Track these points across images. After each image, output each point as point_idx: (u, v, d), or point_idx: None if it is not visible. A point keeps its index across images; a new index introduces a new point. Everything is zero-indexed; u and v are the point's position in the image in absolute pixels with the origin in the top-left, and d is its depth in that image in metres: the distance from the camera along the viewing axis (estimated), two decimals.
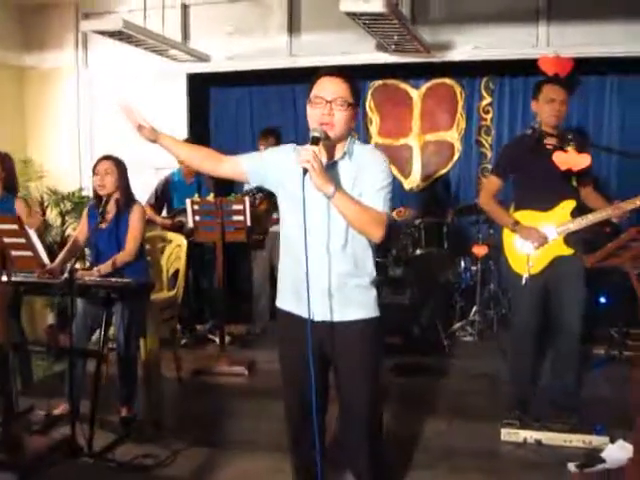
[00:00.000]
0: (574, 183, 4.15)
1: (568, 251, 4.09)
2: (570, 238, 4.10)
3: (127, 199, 4.41)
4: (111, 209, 4.36)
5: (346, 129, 2.67)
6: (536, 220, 4.13)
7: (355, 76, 2.72)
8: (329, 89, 2.61)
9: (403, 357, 5.44)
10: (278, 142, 6.22)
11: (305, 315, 2.67)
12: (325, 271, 2.68)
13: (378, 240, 2.67)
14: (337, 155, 2.70)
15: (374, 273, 2.80)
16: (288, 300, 2.84)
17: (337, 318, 2.73)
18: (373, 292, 2.80)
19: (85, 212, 4.55)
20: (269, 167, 2.81)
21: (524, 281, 4.12)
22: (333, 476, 3.11)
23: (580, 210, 4.15)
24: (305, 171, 2.50)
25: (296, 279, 2.73)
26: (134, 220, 4.38)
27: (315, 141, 2.55)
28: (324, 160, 2.58)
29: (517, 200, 4.32)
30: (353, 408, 2.84)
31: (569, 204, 4.11)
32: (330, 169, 2.63)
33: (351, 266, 2.72)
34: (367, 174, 2.67)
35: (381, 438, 2.98)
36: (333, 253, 2.69)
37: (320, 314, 2.70)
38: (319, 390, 2.67)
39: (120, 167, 4.38)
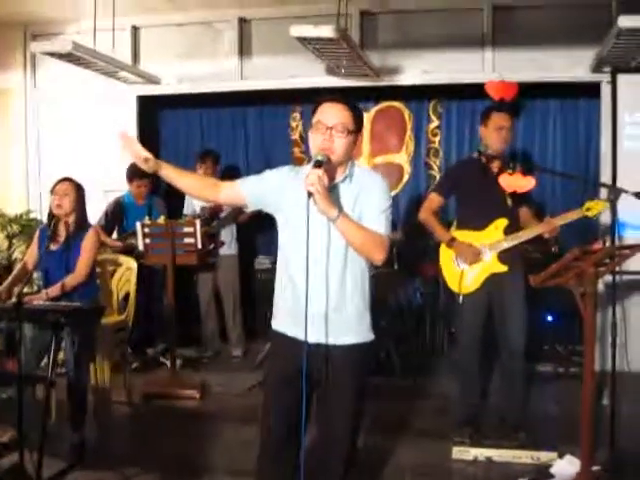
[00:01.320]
0: (509, 203, 4.27)
1: (502, 268, 4.21)
2: (504, 255, 4.21)
3: (82, 223, 4.39)
4: (62, 232, 4.33)
5: (346, 154, 2.68)
6: (471, 239, 4.26)
7: (304, 99, 2.76)
8: (330, 115, 2.65)
9: None
10: (216, 164, 6.27)
11: (300, 337, 2.66)
12: (322, 294, 2.68)
13: (380, 262, 2.68)
14: (338, 178, 2.71)
15: (369, 297, 2.81)
16: (283, 322, 2.82)
17: (332, 341, 2.72)
18: (368, 316, 2.80)
19: (37, 234, 4.51)
20: (268, 190, 2.80)
21: (460, 299, 4.22)
22: None
23: (515, 228, 4.27)
24: (310, 195, 2.51)
25: (294, 301, 2.73)
26: (87, 244, 4.35)
27: (318, 164, 2.56)
28: (326, 183, 2.57)
29: (457, 220, 4.48)
30: (335, 430, 2.82)
31: (502, 222, 4.23)
32: (331, 191, 2.63)
33: (349, 290, 2.72)
34: (368, 196, 2.69)
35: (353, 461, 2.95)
36: (331, 276, 2.69)
37: (315, 336, 2.67)
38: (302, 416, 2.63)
39: (78, 190, 4.38)
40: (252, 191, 2.82)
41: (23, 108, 6.94)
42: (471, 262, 4.22)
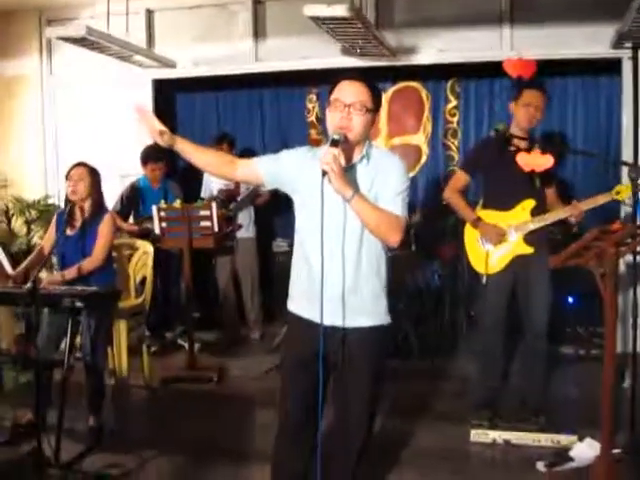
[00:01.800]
0: (537, 184, 4.19)
1: (528, 250, 4.14)
2: (530, 237, 4.14)
3: (98, 208, 4.38)
4: (79, 216, 4.33)
5: (364, 133, 2.65)
6: (497, 219, 4.20)
7: (320, 80, 2.71)
8: (348, 93, 2.61)
9: None
10: (232, 148, 6.24)
11: (315, 319, 2.64)
12: (339, 276, 2.65)
13: (395, 244, 2.63)
14: (355, 158, 2.67)
15: (385, 279, 2.77)
16: (299, 304, 2.81)
17: (348, 324, 2.69)
18: (385, 299, 2.77)
19: (54, 219, 4.52)
20: (285, 170, 2.77)
21: (484, 280, 4.17)
22: None
23: (542, 209, 4.20)
24: (324, 173, 2.48)
25: (309, 282, 2.71)
26: (104, 229, 4.35)
27: (334, 143, 2.53)
28: (342, 163, 2.54)
29: (483, 199, 4.39)
30: (351, 413, 2.79)
31: (529, 203, 4.16)
32: (348, 172, 2.60)
33: (365, 272, 2.68)
34: (385, 178, 2.65)
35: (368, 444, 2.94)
36: (348, 258, 2.65)
37: (331, 319, 2.64)
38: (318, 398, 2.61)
39: (93, 175, 4.36)
40: (269, 170, 2.79)
41: (39, 94, 6.95)
42: (496, 243, 4.16)
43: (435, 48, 6.06)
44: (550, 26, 5.75)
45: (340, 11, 4.65)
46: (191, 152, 2.78)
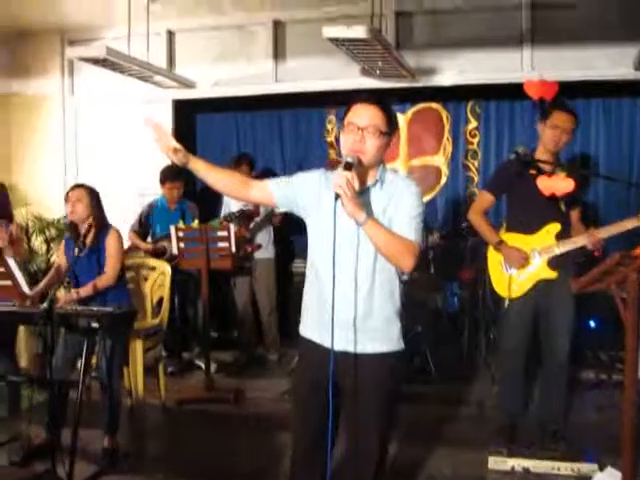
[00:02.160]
0: (562, 207, 4.14)
1: (552, 274, 4.08)
2: (554, 261, 4.08)
3: (101, 225, 4.39)
4: (84, 236, 4.35)
5: (377, 157, 2.61)
6: (521, 242, 4.14)
7: (340, 101, 2.68)
8: (362, 116, 2.58)
9: None
10: (251, 169, 6.24)
11: (326, 344, 2.60)
12: (351, 301, 2.61)
13: (408, 270, 2.58)
14: (369, 182, 2.64)
15: (399, 304, 2.71)
16: (311, 328, 2.77)
17: (359, 350, 2.65)
18: (398, 324, 2.71)
19: (62, 243, 4.57)
20: (298, 192, 2.74)
21: (507, 304, 4.11)
22: None
23: (568, 234, 4.14)
24: (337, 196, 2.44)
25: (321, 307, 2.66)
26: (110, 244, 4.37)
27: (348, 167, 2.49)
28: (356, 187, 2.50)
29: (507, 222, 4.35)
30: (363, 442, 2.73)
31: (554, 227, 4.10)
32: (361, 196, 2.56)
33: (378, 297, 2.64)
34: (399, 202, 2.61)
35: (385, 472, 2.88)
36: (360, 283, 2.62)
37: (342, 344, 2.61)
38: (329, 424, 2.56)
39: (92, 194, 4.38)
40: (282, 192, 2.76)
41: (61, 114, 7.04)
42: (519, 267, 4.10)
43: (455, 69, 6.06)
44: (572, 47, 5.73)
45: (359, 33, 4.65)
46: (205, 171, 2.75)
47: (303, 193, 2.73)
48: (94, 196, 4.39)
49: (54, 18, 6.42)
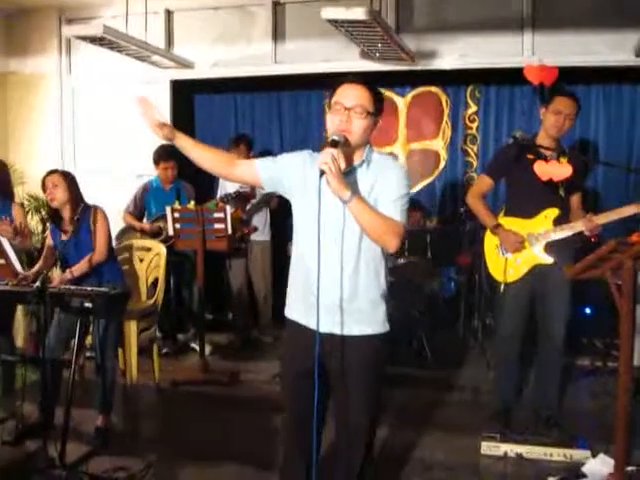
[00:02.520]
0: (561, 193, 4.12)
1: (548, 260, 4.06)
2: (551, 247, 4.07)
3: (80, 206, 4.37)
4: (67, 221, 4.35)
5: (364, 137, 2.61)
6: (518, 226, 4.13)
7: (341, 83, 2.65)
8: (349, 96, 2.57)
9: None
10: (249, 149, 6.21)
11: (311, 326, 2.60)
12: (336, 282, 2.61)
13: (393, 250, 2.59)
14: (355, 162, 2.64)
15: (385, 286, 2.72)
16: (296, 310, 2.77)
17: (345, 332, 2.65)
18: (384, 306, 2.72)
19: (48, 231, 4.58)
20: (284, 172, 2.73)
21: (502, 288, 4.11)
22: None
23: (566, 219, 4.13)
24: (322, 173, 2.43)
25: (306, 289, 2.67)
26: (95, 222, 4.35)
27: (334, 144, 2.48)
28: (342, 166, 2.50)
29: (506, 206, 4.34)
30: (351, 424, 2.75)
31: (552, 212, 4.09)
32: (347, 176, 2.55)
33: (363, 278, 2.64)
34: (385, 183, 2.60)
35: (372, 456, 2.91)
36: (346, 264, 2.61)
37: (328, 326, 2.61)
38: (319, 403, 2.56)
39: (68, 178, 4.36)
40: (267, 171, 2.75)
41: (58, 92, 6.98)
42: (514, 250, 4.10)
43: (455, 53, 6.00)
44: (572, 33, 5.68)
45: (358, 14, 4.60)
46: (190, 147, 2.76)
47: (288, 173, 2.72)
48: (70, 179, 4.38)
49: None
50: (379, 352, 2.73)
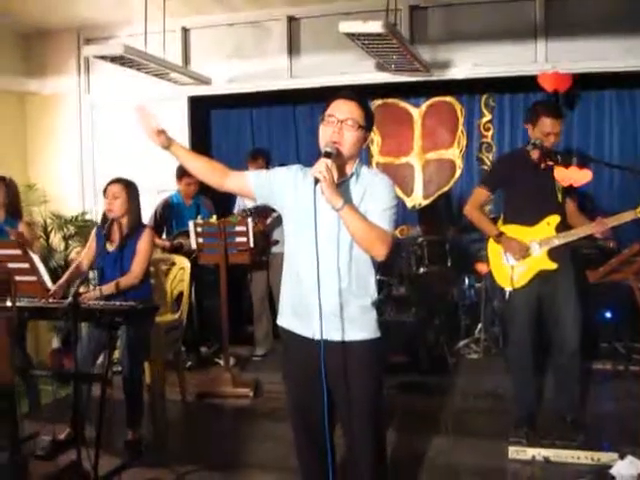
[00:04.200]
0: (559, 199, 4.17)
1: (551, 265, 4.11)
2: (554, 253, 4.11)
3: (136, 223, 4.43)
4: (117, 232, 4.38)
5: (354, 150, 2.70)
6: (521, 234, 4.18)
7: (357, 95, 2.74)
8: (342, 109, 2.68)
9: (408, 376, 5.43)
10: (267, 163, 6.24)
11: (306, 334, 2.72)
12: (330, 290, 2.67)
13: (382, 258, 2.67)
14: (346, 175, 2.72)
15: (376, 294, 2.80)
16: (289, 318, 2.84)
17: (338, 338, 2.71)
18: (374, 313, 2.79)
19: (93, 233, 4.58)
20: (276, 184, 2.82)
21: (507, 295, 4.15)
22: None
23: (566, 225, 4.17)
24: (317, 181, 2.51)
25: (298, 297, 2.75)
26: (143, 245, 4.39)
27: (327, 155, 2.58)
28: (335, 176, 2.58)
29: (505, 214, 4.37)
30: (355, 431, 2.80)
31: (554, 219, 4.14)
32: (339, 187, 2.62)
33: (354, 286, 2.72)
34: (374, 195, 2.69)
35: (385, 459, 2.95)
36: (337, 272, 2.69)
37: (323, 333, 2.66)
38: (323, 411, 2.63)
39: (130, 190, 4.39)
40: (259, 183, 2.85)
41: (77, 111, 7.08)
42: (519, 257, 4.14)
43: (469, 62, 6.06)
44: (585, 39, 5.72)
45: (376, 27, 4.66)
46: (186, 157, 2.88)
47: (279, 186, 2.82)
48: (132, 192, 4.41)
49: (70, 17, 6.45)
50: (372, 357, 2.79)
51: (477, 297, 6.31)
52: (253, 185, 2.84)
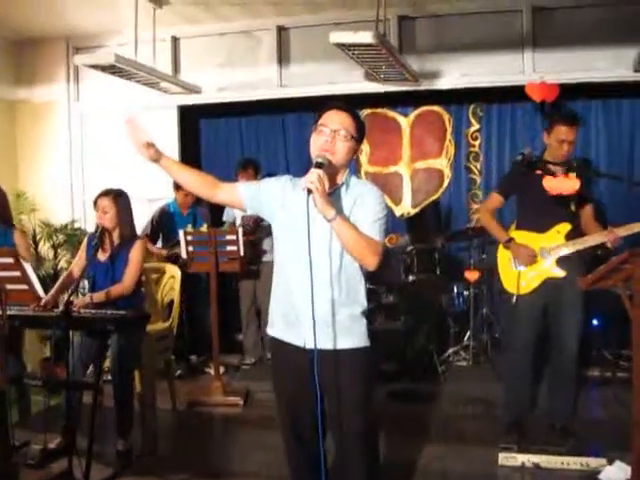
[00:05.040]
0: (572, 207, 4.21)
1: (559, 274, 4.14)
2: (563, 261, 4.14)
3: (129, 234, 4.43)
4: (110, 241, 4.38)
5: (346, 160, 2.73)
6: (531, 241, 4.21)
7: (346, 105, 2.78)
8: (335, 120, 2.71)
9: (398, 383, 5.47)
10: (257, 172, 6.27)
11: (297, 343, 2.75)
12: (320, 299, 2.66)
13: (373, 268, 2.70)
14: (336, 185, 2.75)
15: (365, 303, 2.82)
16: (279, 328, 2.86)
17: (328, 346, 2.73)
18: (364, 322, 2.81)
19: (84, 242, 4.56)
20: (266, 195, 2.85)
21: (514, 300, 4.18)
22: None
23: (577, 233, 4.20)
24: (309, 192, 2.53)
25: (289, 307, 2.78)
26: (135, 255, 4.39)
27: (319, 166, 2.60)
28: (326, 184, 2.59)
29: (518, 220, 4.41)
30: (346, 439, 2.82)
31: (564, 227, 4.17)
32: (330, 197, 2.64)
33: (344, 295, 2.74)
34: (364, 205, 2.72)
35: (378, 467, 2.97)
36: (327, 281, 2.71)
37: (311, 342, 2.65)
38: (314, 419, 2.66)
39: (120, 202, 4.39)
40: (250, 195, 2.87)
41: (67, 120, 7.07)
42: (527, 264, 4.17)
43: (457, 72, 6.12)
44: (572, 50, 5.79)
45: (366, 38, 4.71)
46: (176, 170, 2.90)
47: (269, 198, 2.84)
48: (122, 203, 4.40)
49: (60, 25, 6.46)
50: (362, 365, 2.81)
51: (466, 305, 6.35)
52: (244, 197, 2.87)
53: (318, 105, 2.83)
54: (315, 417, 2.64)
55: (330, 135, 2.68)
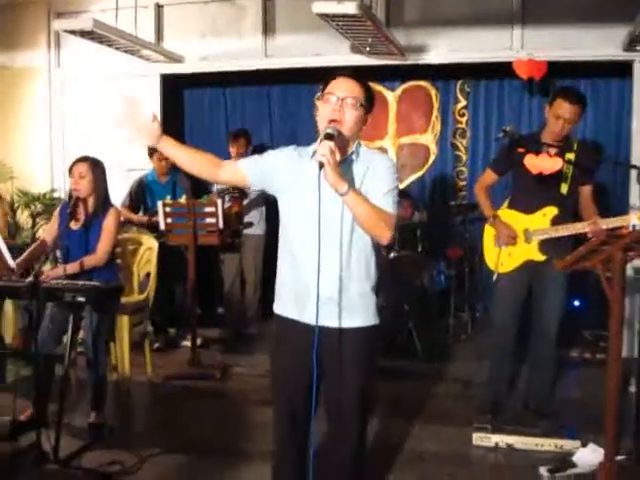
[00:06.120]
0: (563, 190, 4.12)
1: (540, 257, 4.10)
2: (546, 244, 4.09)
3: (103, 202, 4.32)
4: (83, 211, 4.29)
5: (355, 130, 2.62)
6: (516, 221, 4.17)
7: (331, 77, 2.66)
8: (343, 87, 2.59)
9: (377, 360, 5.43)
10: (248, 143, 6.20)
11: (305, 320, 2.63)
12: (328, 276, 2.59)
13: (386, 241, 2.61)
14: (346, 155, 2.63)
15: (375, 279, 2.73)
16: (287, 305, 2.75)
17: (337, 324, 2.65)
18: (373, 298, 2.73)
19: (57, 211, 4.47)
20: (272, 170, 2.72)
21: (494, 277, 4.14)
22: None
23: (566, 217, 4.11)
24: (321, 166, 2.42)
25: (297, 283, 2.67)
26: (108, 225, 4.30)
27: (329, 137, 2.48)
28: (338, 158, 2.48)
29: (510, 199, 4.36)
30: (343, 416, 2.76)
31: (551, 211, 4.10)
32: (339, 167, 2.52)
33: (355, 272, 2.65)
34: (375, 175, 2.62)
35: (365, 445, 2.92)
36: (337, 257, 2.62)
37: (320, 319, 2.56)
38: (310, 399, 2.58)
39: (96, 169, 4.28)
40: (254, 171, 2.74)
41: (47, 87, 6.95)
42: (505, 243, 4.14)
43: (445, 48, 6.03)
44: (561, 27, 5.71)
45: (349, 8, 4.62)
46: (176, 150, 2.70)
47: (275, 170, 2.72)
48: (98, 171, 4.29)
49: None
50: (370, 344, 2.75)
51: (447, 283, 6.31)
52: (248, 175, 2.73)
53: (303, 76, 2.72)
54: (311, 398, 2.54)
55: (337, 103, 2.56)
